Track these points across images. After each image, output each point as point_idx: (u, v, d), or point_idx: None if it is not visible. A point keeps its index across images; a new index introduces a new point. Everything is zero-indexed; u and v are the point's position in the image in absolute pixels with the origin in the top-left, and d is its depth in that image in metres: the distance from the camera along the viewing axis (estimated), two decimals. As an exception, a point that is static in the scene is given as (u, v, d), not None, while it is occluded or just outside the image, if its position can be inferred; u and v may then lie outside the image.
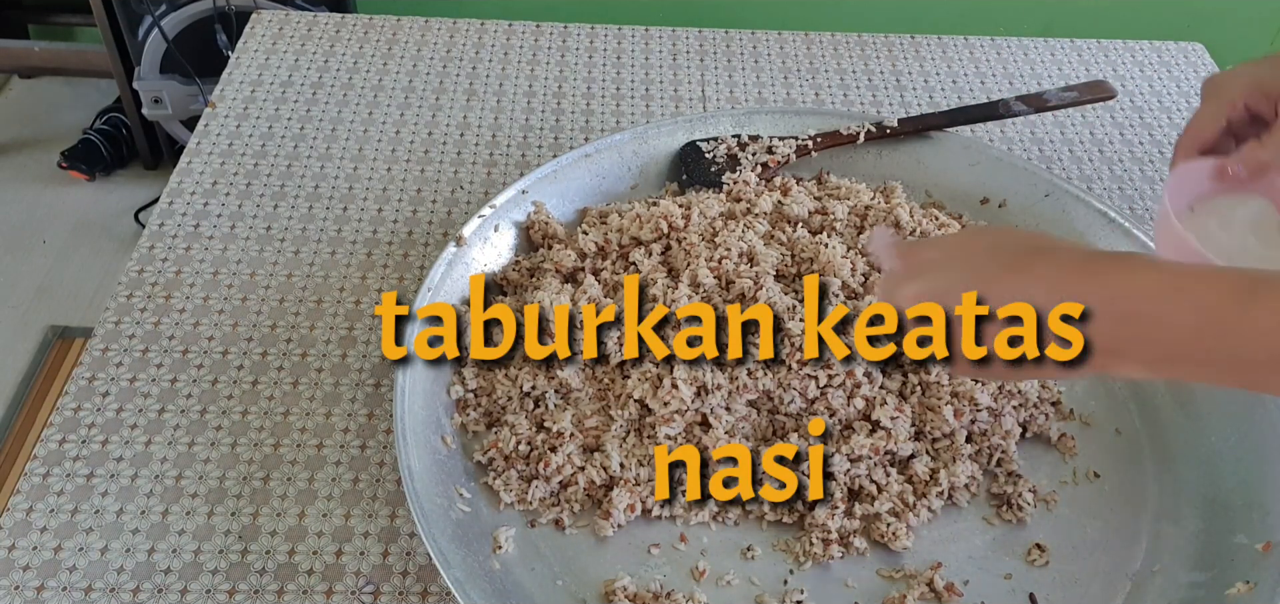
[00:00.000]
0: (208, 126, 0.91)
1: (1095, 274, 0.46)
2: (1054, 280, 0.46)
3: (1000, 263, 0.49)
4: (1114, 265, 0.46)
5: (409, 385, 0.62)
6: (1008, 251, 0.50)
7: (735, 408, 0.64)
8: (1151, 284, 0.44)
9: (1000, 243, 0.52)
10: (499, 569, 0.57)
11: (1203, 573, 0.59)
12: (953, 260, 0.51)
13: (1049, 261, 0.48)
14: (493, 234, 0.73)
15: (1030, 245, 0.51)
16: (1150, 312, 0.44)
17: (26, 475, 0.63)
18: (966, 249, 0.53)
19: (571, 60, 1.02)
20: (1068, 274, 0.46)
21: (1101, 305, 0.44)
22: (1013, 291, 0.47)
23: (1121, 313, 0.44)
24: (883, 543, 0.61)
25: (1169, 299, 0.44)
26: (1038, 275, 0.47)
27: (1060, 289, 0.46)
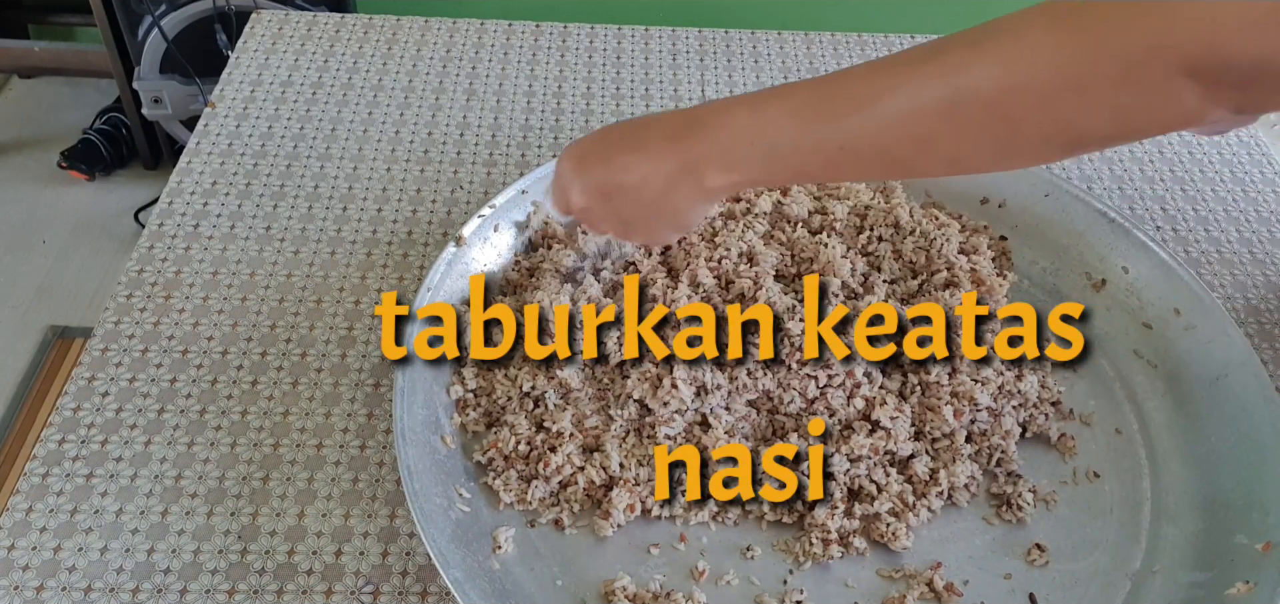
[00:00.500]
0: (207, 126, 0.91)
1: (701, 125, 0.54)
2: (670, 148, 0.55)
3: (622, 146, 0.58)
4: (715, 109, 0.55)
5: (409, 385, 0.62)
6: (625, 136, 0.59)
7: (735, 408, 0.64)
8: (743, 119, 0.53)
9: (622, 129, 0.60)
10: (498, 569, 0.57)
11: (1203, 573, 0.59)
12: (592, 156, 0.60)
13: (660, 133, 0.56)
14: (492, 234, 0.73)
15: (641, 125, 0.58)
16: (751, 135, 0.53)
17: (26, 475, 0.63)
18: (602, 140, 0.60)
19: (571, 60, 1.02)
20: (679, 139, 0.55)
21: (716, 147, 0.54)
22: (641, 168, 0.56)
23: (734, 146, 0.53)
24: (882, 543, 0.61)
25: (758, 126, 0.52)
26: (655, 149, 0.56)
27: (679, 153, 0.55)
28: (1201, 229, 0.86)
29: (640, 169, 0.56)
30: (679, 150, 0.55)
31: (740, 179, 0.55)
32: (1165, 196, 0.89)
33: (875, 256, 0.73)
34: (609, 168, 0.57)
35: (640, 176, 0.56)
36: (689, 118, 0.55)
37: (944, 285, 0.71)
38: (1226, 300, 0.79)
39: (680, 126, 0.55)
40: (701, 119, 0.54)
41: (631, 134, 0.58)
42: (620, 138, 0.58)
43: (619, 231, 0.61)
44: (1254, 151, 0.95)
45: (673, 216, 0.58)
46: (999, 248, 0.78)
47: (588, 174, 0.59)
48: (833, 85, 0.51)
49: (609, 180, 0.57)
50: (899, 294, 0.71)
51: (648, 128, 0.57)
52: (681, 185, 0.55)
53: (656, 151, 0.55)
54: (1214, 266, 0.83)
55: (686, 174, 0.55)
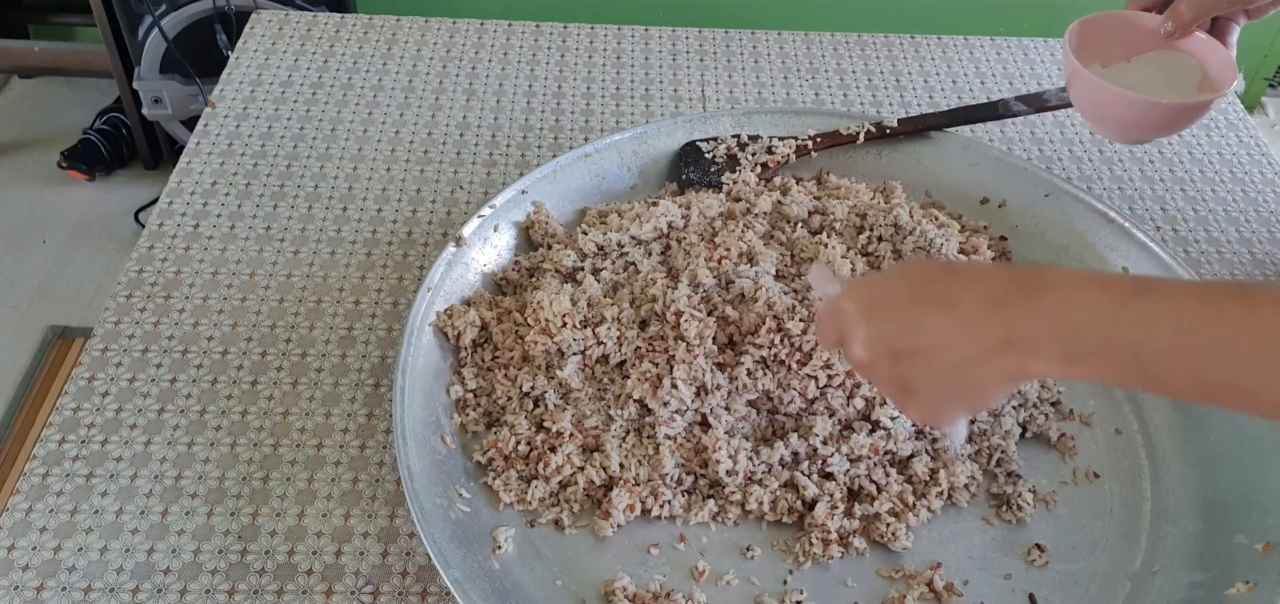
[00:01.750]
0: (207, 126, 0.91)
1: (1042, 300, 0.45)
2: (995, 315, 0.46)
3: (925, 302, 0.48)
4: (1059, 285, 0.45)
5: (408, 385, 0.62)
6: (932, 290, 0.49)
7: (735, 408, 0.64)
8: (1098, 302, 0.44)
9: (926, 278, 0.50)
10: (498, 569, 0.57)
11: (1203, 573, 0.59)
12: (886, 305, 0.50)
13: (981, 295, 0.47)
14: (492, 234, 0.73)
15: (953, 280, 0.49)
16: (1111, 332, 0.43)
17: (26, 475, 0.63)
18: (900, 289, 0.51)
19: (571, 60, 1.01)
20: (1010, 307, 0.46)
21: (1058, 330, 0.44)
22: (949, 332, 0.47)
23: (1082, 336, 0.44)
24: (882, 543, 0.61)
25: (1122, 319, 0.43)
26: (973, 313, 0.46)
27: (1008, 325, 0.45)
28: (1201, 229, 0.86)
29: (947, 332, 0.46)
30: (1004, 320, 0.45)
31: (1077, 372, 0.45)
32: (1165, 197, 0.89)
33: (875, 257, 0.73)
34: (905, 324, 0.48)
35: (945, 340, 0.46)
36: (1020, 282, 0.46)
37: (944, 285, 0.70)
38: (1226, 300, 0.79)
39: (1008, 290, 0.45)
40: (1038, 287, 0.45)
41: (939, 286, 0.48)
42: (923, 288, 0.48)
43: (896, 395, 0.51)
44: (1254, 151, 0.95)
45: (972, 394, 0.48)
46: (999, 248, 0.78)
47: (879, 325, 0.49)
48: (1231, 306, 0.41)
49: (903, 340, 0.48)
50: (899, 294, 0.71)
51: (960, 282, 0.47)
52: (996, 361, 0.46)
53: (972, 315, 0.46)
54: (1214, 266, 0.83)
55: (1008, 349, 0.45)
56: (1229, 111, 0.99)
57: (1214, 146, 0.95)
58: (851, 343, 0.50)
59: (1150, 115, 0.72)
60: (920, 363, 0.48)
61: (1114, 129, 0.75)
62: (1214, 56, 0.73)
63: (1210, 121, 0.98)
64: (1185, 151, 0.94)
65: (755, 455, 0.63)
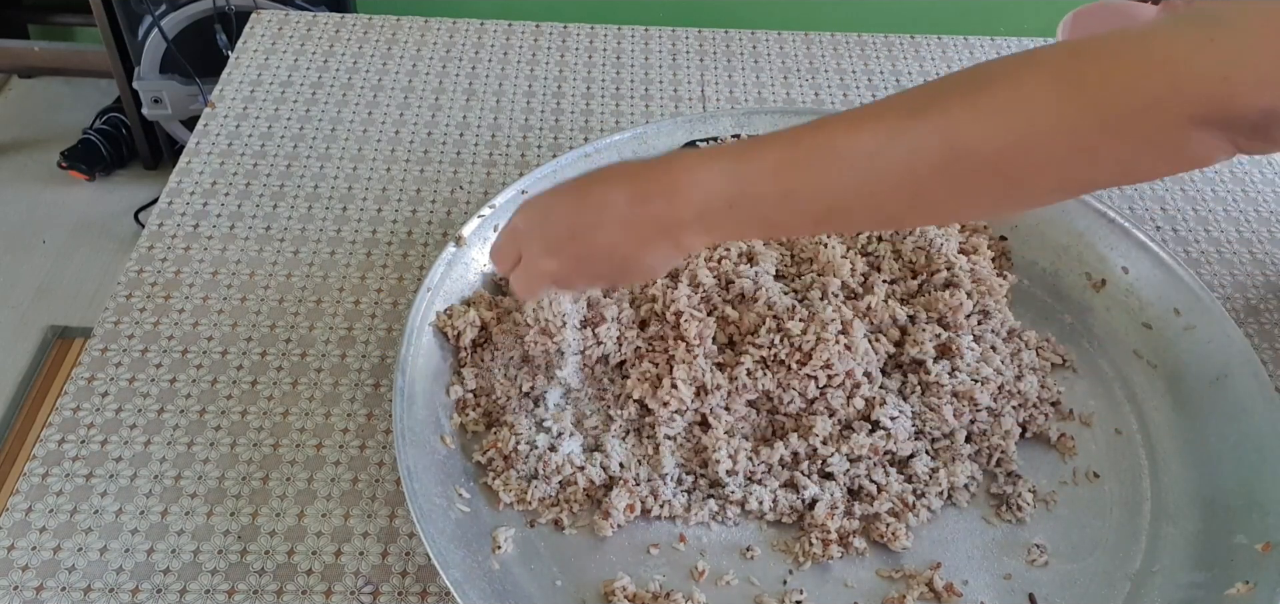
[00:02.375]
0: (207, 126, 0.91)
1: (670, 188, 0.51)
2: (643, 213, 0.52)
3: (585, 207, 0.54)
4: (682, 167, 0.51)
5: (408, 385, 0.62)
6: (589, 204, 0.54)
7: (735, 408, 0.64)
8: (717, 181, 0.49)
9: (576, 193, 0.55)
10: (498, 569, 0.57)
11: (1203, 573, 0.59)
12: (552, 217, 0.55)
13: (629, 192, 0.52)
14: (492, 234, 0.73)
15: (602, 182, 0.54)
16: (731, 197, 0.49)
17: (26, 475, 0.63)
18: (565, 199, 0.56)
19: (571, 60, 1.01)
20: (650, 201, 0.51)
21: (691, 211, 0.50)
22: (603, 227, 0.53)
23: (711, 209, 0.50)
24: (882, 543, 0.61)
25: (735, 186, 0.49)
26: (620, 209, 0.52)
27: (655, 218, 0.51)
28: (1201, 229, 0.86)
29: (609, 232, 0.52)
30: (651, 213, 0.51)
31: (721, 237, 0.53)
32: (1165, 197, 0.89)
33: (875, 256, 0.73)
34: (575, 229, 0.53)
35: (610, 239, 0.52)
36: (655, 176, 0.52)
37: (944, 285, 0.71)
38: (1226, 300, 0.79)
39: (648, 188, 0.51)
40: (670, 178, 0.51)
41: (594, 195, 0.53)
42: (581, 200, 0.54)
43: (589, 282, 0.57)
44: (1254, 151, 0.94)
45: (647, 270, 0.54)
46: (999, 248, 0.78)
47: (552, 231, 0.55)
48: (814, 140, 0.48)
49: (578, 244, 0.54)
50: (899, 294, 0.71)
51: (609, 186, 0.53)
52: (657, 245, 0.52)
53: (625, 214, 0.52)
54: (1214, 266, 0.83)
55: (662, 235, 0.51)
56: (1229, 111, 0.99)
57: (1214, 146, 0.95)
58: (535, 257, 0.55)
59: None
60: (601, 257, 0.54)
61: None
62: None
63: (1210, 121, 0.98)
64: (1185, 151, 0.94)
65: (755, 455, 0.63)
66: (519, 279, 0.57)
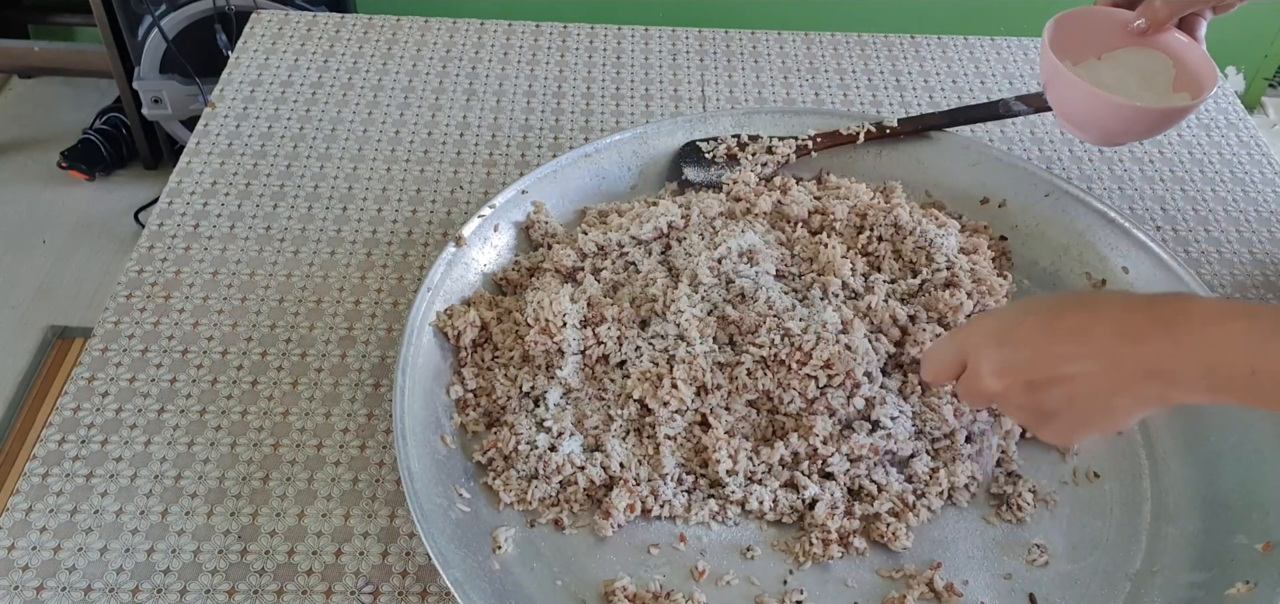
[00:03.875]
0: (207, 126, 0.91)
1: (1181, 332, 0.46)
2: (1133, 349, 0.47)
3: (1058, 335, 0.50)
4: (1198, 317, 0.46)
5: (408, 385, 0.62)
6: (1069, 323, 0.50)
7: (735, 408, 0.64)
8: (1241, 333, 0.45)
9: (1060, 307, 0.52)
10: (498, 569, 0.57)
11: (1203, 573, 0.59)
12: (1020, 336, 0.51)
13: (1119, 329, 0.48)
14: (492, 234, 0.73)
15: (1088, 313, 0.50)
16: (1254, 364, 0.44)
17: (26, 475, 0.63)
18: (1033, 322, 0.52)
19: (571, 60, 1.01)
20: (1149, 340, 0.47)
21: (1202, 363, 0.46)
22: (1089, 365, 0.48)
23: (1225, 368, 0.45)
24: (882, 543, 0.61)
25: (1261, 349, 0.44)
26: (1110, 346, 0.48)
27: (1147, 358, 0.47)
28: (1201, 229, 0.86)
29: (1084, 364, 0.48)
30: (1144, 354, 0.46)
31: (1220, 400, 0.47)
32: (1165, 196, 0.89)
33: (875, 256, 0.73)
34: (1041, 354, 0.50)
35: (1084, 371, 0.48)
36: (1158, 315, 0.47)
37: (944, 285, 0.71)
38: (1226, 300, 0.79)
39: (1145, 324, 0.47)
40: (1178, 321, 0.46)
41: (1073, 317, 0.49)
42: (1056, 319, 0.50)
43: (1030, 421, 0.53)
44: (1254, 151, 0.95)
45: (1110, 418, 0.50)
46: (999, 248, 0.78)
47: (1012, 353, 0.51)
48: None
49: (1039, 371, 0.50)
50: (899, 294, 0.71)
51: (1093, 315, 0.49)
52: (1137, 391, 0.48)
53: (1107, 349, 0.48)
54: (1214, 266, 0.83)
55: (1149, 381, 0.47)
56: (1229, 111, 0.99)
57: (1214, 146, 0.95)
58: (981, 372, 0.52)
59: (1137, 121, 0.71)
60: (1057, 391, 0.49)
61: (1094, 133, 0.74)
62: (1189, 53, 0.73)
63: (1210, 121, 0.98)
64: (1185, 151, 0.94)
65: (755, 455, 0.63)
66: (962, 390, 0.54)
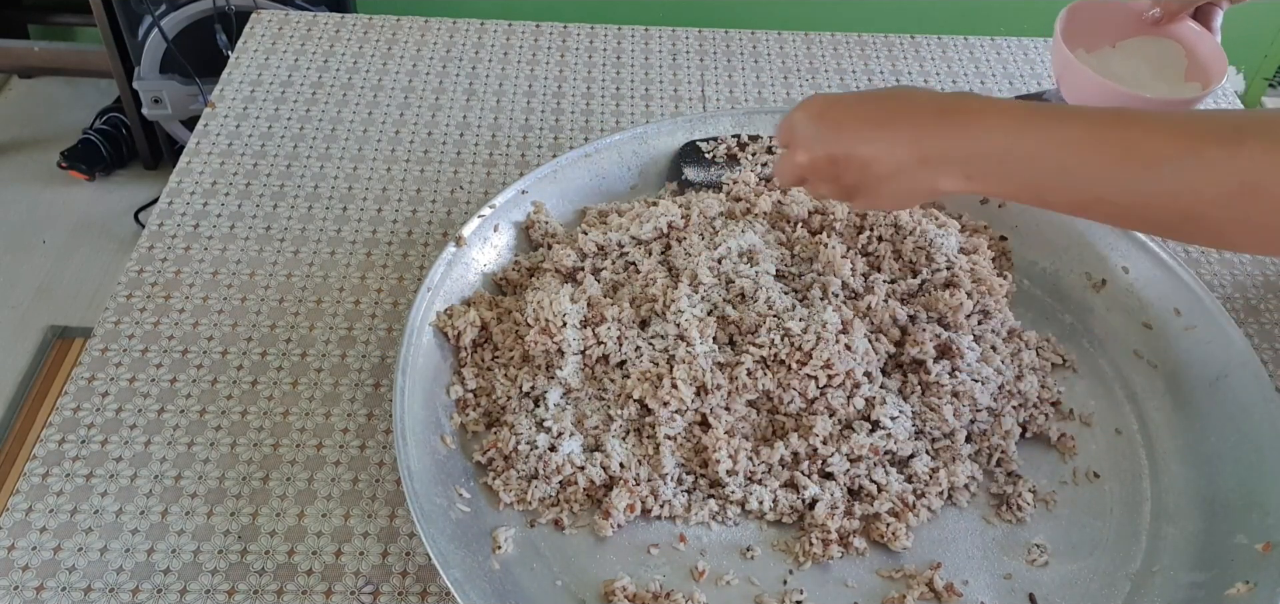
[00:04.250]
0: (207, 126, 0.91)
1: (952, 123, 0.52)
2: (914, 135, 0.53)
3: (867, 120, 0.55)
4: (970, 111, 0.52)
5: (408, 385, 0.62)
6: (872, 108, 0.55)
7: (735, 408, 0.64)
8: (1001, 133, 0.50)
9: (864, 103, 0.56)
10: (498, 569, 0.57)
11: (1203, 573, 0.59)
12: (834, 116, 0.56)
13: (908, 117, 0.53)
14: (492, 234, 0.73)
15: (893, 101, 0.55)
16: (1004, 151, 0.50)
17: (26, 475, 0.63)
18: (851, 106, 0.57)
19: (571, 60, 1.01)
20: (926, 129, 0.52)
21: (961, 151, 0.51)
22: (879, 146, 0.54)
23: (981, 155, 0.51)
24: (882, 543, 0.61)
25: (1018, 144, 0.50)
26: (900, 132, 0.53)
27: (922, 143, 0.52)
28: (1201, 229, 0.86)
29: (877, 147, 0.53)
30: (923, 140, 0.52)
31: (976, 189, 0.53)
32: (1165, 196, 0.89)
33: (875, 256, 0.73)
34: (845, 135, 0.55)
35: (874, 153, 0.53)
36: (942, 108, 0.53)
37: (944, 285, 0.71)
38: (1226, 300, 0.79)
39: (931, 116, 0.52)
40: (957, 114, 0.52)
41: (879, 107, 0.55)
42: (866, 108, 0.55)
43: (836, 194, 0.58)
44: (1254, 151, 0.94)
45: (894, 197, 0.56)
46: (999, 248, 0.77)
47: (824, 133, 0.55)
48: (1111, 130, 0.48)
49: (841, 149, 0.55)
50: (899, 294, 0.71)
51: (898, 105, 0.54)
52: (914, 175, 0.53)
53: (900, 134, 0.53)
54: (1214, 266, 0.83)
55: (922, 167, 0.52)
56: (1229, 111, 0.99)
57: (1214, 146, 0.95)
58: (799, 146, 0.57)
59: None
60: (857, 169, 0.55)
61: None
62: (1201, 44, 0.73)
63: (1210, 121, 0.98)
64: (1185, 151, 0.94)
65: (755, 455, 0.63)
66: (777, 166, 0.59)
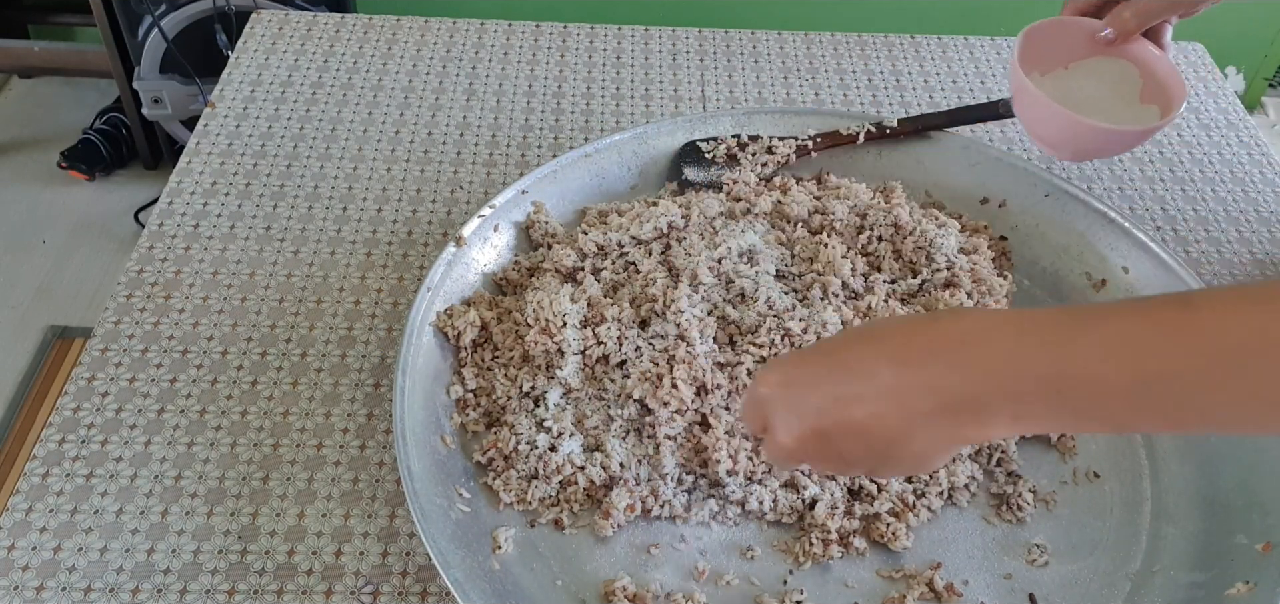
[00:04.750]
0: (207, 126, 0.91)
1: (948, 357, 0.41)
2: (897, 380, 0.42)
3: (841, 373, 0.45)
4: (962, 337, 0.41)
5: (408, 385, 0.62)
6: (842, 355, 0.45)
7: (735, 408, 0.64)
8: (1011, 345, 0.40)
9: (838, 342, 0.47)
10: (498, 569, 0.57)
11: (1203, 573, 0.59)
12: (795, 392, 0.46)
13: (884, 353, 0.43)
14: (492, 234, 0.73)
15: (862, 341, 0.45)
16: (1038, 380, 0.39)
17: (26, 475, 0.63)
18: (814, 360, 0.47)
19: (571, 60, 1.01)
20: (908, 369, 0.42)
21: (990, 397, 0.41)
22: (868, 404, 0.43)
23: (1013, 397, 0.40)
24: (882, 543, 0.61)
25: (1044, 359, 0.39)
26: (882, 379, 0.43)
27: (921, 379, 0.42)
28: (1201, 229, 0.86)
29: (870, 405, 0.42)
30: (923, 380, 0.41)
31: (1032, 428, 0.41)
32: (1165, 196, 0.89)
33: (875, 256, 0.73)
34: (826, 400, 0.44)
35: (870, 413, 0.42)
36: (923, 331, 0.42)
37: (944, 285, 0.71)
38: (1226, 300, 0.79)
39: (917, 349, 0.42)
40: (947, 335, 0.41)
41: (855, 353, 0.44)
42: (836, 357, 0.45)
43: (841, 471, 0.50)
44: (1254, 151, 0.95)
45: (917, 461, 0.44)
46: (999, 248, 0.78)
47: (797, 403, 0.45)
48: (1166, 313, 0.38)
49: (827, 418, 0.44)
50: (899, 294, 0.71)
51: (875, 346, 0.44)
52: (934, 427, 0.42)
53: (890, 383, 0.42)
54: (1214, 266, 0.83)
55: (943, 413, 0.41)
56: (1229, 111, 0.99)
57: (1214, 146, 0.95)
58: (775, 427, 0.46)
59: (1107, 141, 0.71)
60: (851, 439, 0.44)
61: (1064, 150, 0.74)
62: (1158, 65, 0.72)
63: (1210, 121, 0.98)
64: (1185, 151, 0.94)
65: (755, 455, 0.63)
66: (765, 452, 0.50)
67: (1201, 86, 1.03)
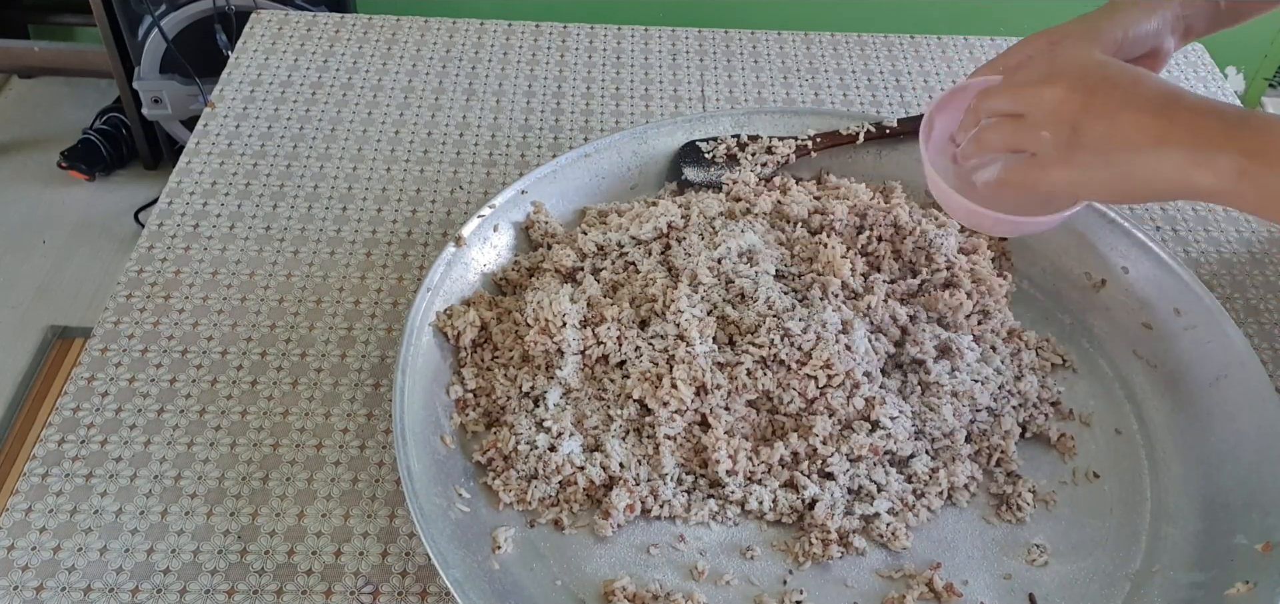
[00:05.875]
0: (207, 126, 0.91)
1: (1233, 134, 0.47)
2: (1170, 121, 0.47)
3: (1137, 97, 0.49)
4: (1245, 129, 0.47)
5: (408, 385, 0.62)
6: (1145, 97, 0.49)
7: (735, 408, 0.64)
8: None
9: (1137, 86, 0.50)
10: (498, 569, 0.57)
11: (1203, 573, 0.59)
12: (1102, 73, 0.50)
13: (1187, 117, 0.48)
14: (492, 234, 0.73)
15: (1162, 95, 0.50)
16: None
17: (25, 475, 0.63)
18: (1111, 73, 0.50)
19: (571, 60, 1.01)
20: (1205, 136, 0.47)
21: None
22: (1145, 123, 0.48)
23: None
24: (882, 543, 0.61)
25: None
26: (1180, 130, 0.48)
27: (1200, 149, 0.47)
28: (1201, 229, 0.86)
29: (1144, 123, 0.47)
30: (1207, 136, 0.47)
31: (1237, 202, 0.47)
32: (1165, 196, 0.89)
33: (875, 257, 0.73)
34: (1112, 78, 0.48)
35: (1137, 124, 0.47)
36: (1232, 112, 0.48)
37: (944, 285, 0.71)
38: (1226, 300, 0.79)
39: (1230, 121, 0.47)
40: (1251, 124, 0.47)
41: (1152, 89, 0.48)
42: (1137, 84, 0.49)
43: (1063, 141, 0.50)
44: (1254, 151, 0.94)
45: (1128, 175, 0.49)
46: (999, 248, 0.78)
47: (1087, 78, 0.48)
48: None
49: (1114, 103, 0.48)
50: (899, 294, 0.71)
51: (1165, 89, 0.48)
52: (1172, 153, 0.47)
53: (1166, 122, 0.47)
54: (1214, 266, 0.83)
55: (1192, 160, 0.47)
56: (1229, 111, 0.99)
57: (1214, 146, 0.95)
58: (1058, 76, 0.49)
59: (997, 230, 0.65)
60: (1102, 125, 0.48)
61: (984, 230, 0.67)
62: None
63: (1210, 121, 0.98)
64: (1185, 151, 0.94)
65: (755, 455, 0.63)
66: (1020, 77, 0.52)
67: (1201, 87, 1.03)
